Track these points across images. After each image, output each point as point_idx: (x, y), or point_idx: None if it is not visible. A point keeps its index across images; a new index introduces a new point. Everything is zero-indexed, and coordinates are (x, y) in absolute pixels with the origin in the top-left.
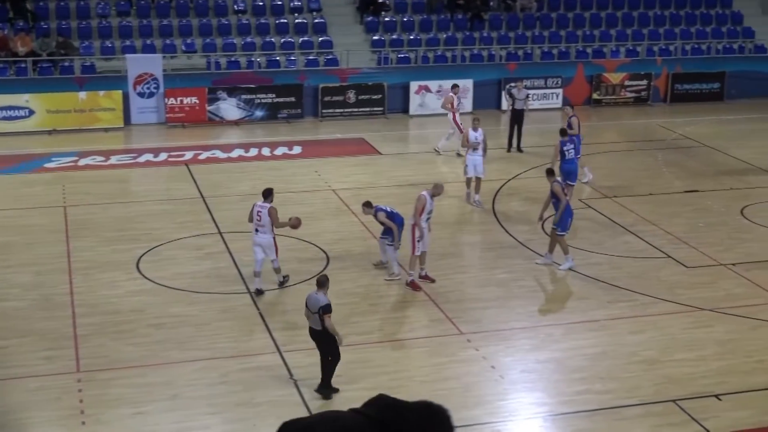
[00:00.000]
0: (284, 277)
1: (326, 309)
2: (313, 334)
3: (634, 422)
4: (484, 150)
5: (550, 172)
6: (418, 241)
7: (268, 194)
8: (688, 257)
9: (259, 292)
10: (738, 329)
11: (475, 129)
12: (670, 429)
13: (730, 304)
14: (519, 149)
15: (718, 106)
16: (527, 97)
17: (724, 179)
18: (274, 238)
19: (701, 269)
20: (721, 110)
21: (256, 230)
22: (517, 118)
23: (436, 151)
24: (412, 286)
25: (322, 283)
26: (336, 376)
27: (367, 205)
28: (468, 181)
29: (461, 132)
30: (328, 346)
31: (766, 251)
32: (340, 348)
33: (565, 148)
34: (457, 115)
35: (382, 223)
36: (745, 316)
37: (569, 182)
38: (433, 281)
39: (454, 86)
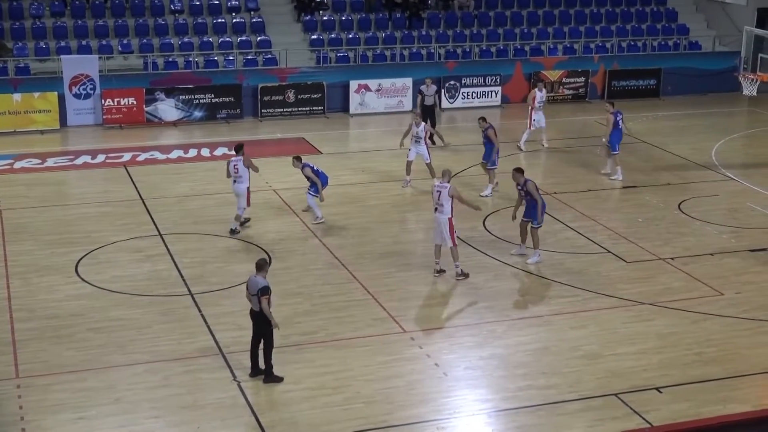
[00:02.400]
0: (241, 224)
1: (264, 291)
2: (252, 315)
3: (577, 416)
4: (439, 138)
5: (520, 171)
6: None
7: (239, 148)
8: (627, 252)
9: (233, 232)
10: (678, 322)
11: (417, 124)
12: (612, 422)
13: (669, 298)
14: (432, 143)
15: (655, 103)
16: (436, 93)
17: (661, 175)
18: (248, 188)
19: (640, 264)
20: (657, 107)
21: (234, 181)
22: (428, 114)
23: (519, 149)
24: (462, 275)
25: (261, 266)
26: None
27: (297, 159)
28: (409, 165)
29: (528, 128)
30: (264, 327)
31: (703, 245)
32: (275, 335)
33: (618, 119)
34: (534, 111)
35: (307, 178)
36: (684, 309)
37: (613, 152)
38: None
39: (538, 83)
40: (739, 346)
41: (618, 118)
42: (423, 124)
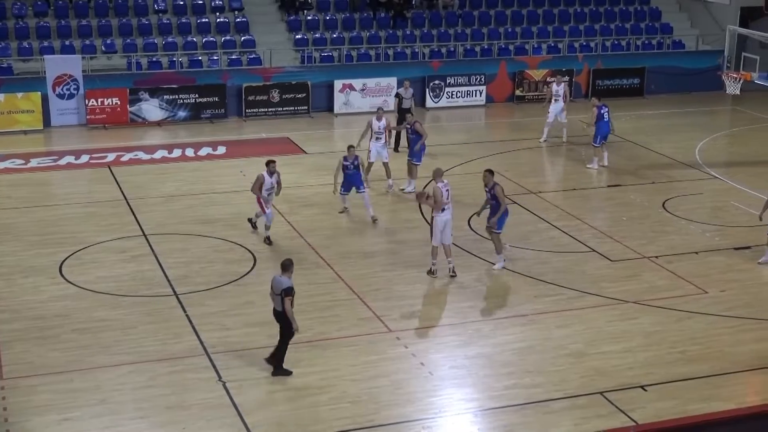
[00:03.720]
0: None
1: (288, 292)
2: (276, 315)
3: (562, 415)
4: (387, 139)
5: (491, 173)
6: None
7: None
8: (612, 251)
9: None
10: (662, 321)
11: (378, 119)
12: (597, 421)
13: (653, 296)
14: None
15: (639, 102)
16: (413, 96)
17: (645, 173)
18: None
19: (625, 262)
20: (641, 105)
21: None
22: (404, 117)
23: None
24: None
25: (286, 266)
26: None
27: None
28: (369, 166)
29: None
30: (286, 328)
31: (687, 244)
32: (296, 335)
33: (602, 111)
34: (551, 103)
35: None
36: (668, 307)
37: (594, 145)
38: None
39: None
40: (723, 344)
41: (602, 111)
42: (384, 118)
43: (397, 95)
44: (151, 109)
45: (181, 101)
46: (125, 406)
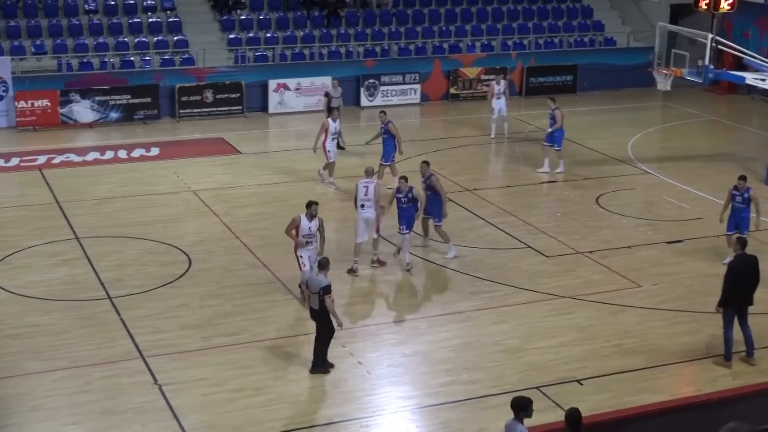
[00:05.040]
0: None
1: (327, 290)
2: (313, 314)
3: (500, 410)
4: (340, 138)
5: (427, 164)
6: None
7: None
8: (546, 247)
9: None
10: (597, 315)
11: (334, 120)
12: (534, 415)
13: (588, 291)
14: (340, 147)
15: (572, 98)
16: (342, 95)
17: (579, 169)
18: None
19: (560, 258)
20: (574, 102)
21: (362, 206)
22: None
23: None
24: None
25: (323, 265)
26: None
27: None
28: (331, 167)
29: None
30: (325, 326)
31: (620, 238)
32: (337, 331)
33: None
34: (494, 101)
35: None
36: (602, 302)
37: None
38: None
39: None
40: (656, 337)
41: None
42: (339, 120)
43: (326, 94)
44: (83, 110)
45: (113, 102)
46: (59, 412)
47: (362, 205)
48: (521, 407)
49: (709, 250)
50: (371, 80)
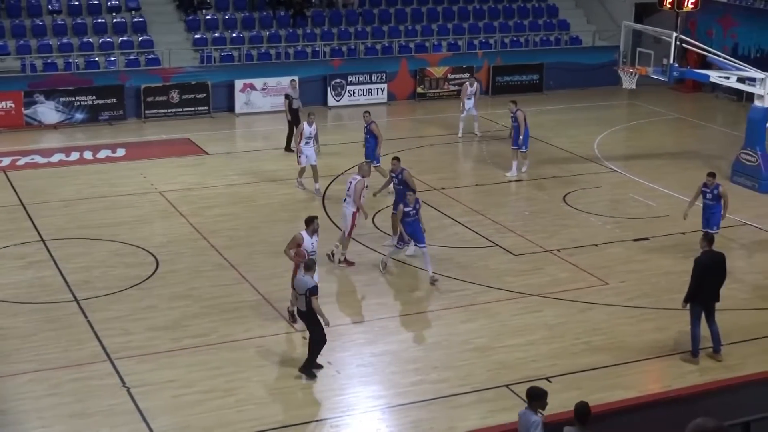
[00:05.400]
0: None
1: (313, 291)
2: (301, 315)
3: (469, 409)
4: (316, 142)
5: (398, 159)
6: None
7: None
8: (515, 245)
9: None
10: (565, 313)
11: (309, 123)
12: (504, 413)
13: (556, 289)
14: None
15: (538, 97)
16: (299, 95)
17: (546, 168)
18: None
19: (528, 256)
20: (540, 101)
21: (344, 200)
22: (296, 117)
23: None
24: (347, 262)
25: (309, 266)
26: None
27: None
28: (302, 171)
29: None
30: (313, 326)
31: (588, 236)
32: (326, 330)
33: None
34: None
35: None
36: (571, 299)
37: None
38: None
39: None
40: (624, 334)
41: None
42: (314, 124)
43: (287, 96)
44: (47, 111)
45: (78, 103)
46: (27, 416)
47: (344, 199)
48: (535, 397)
49: (675, 248)
50: (338, 80)
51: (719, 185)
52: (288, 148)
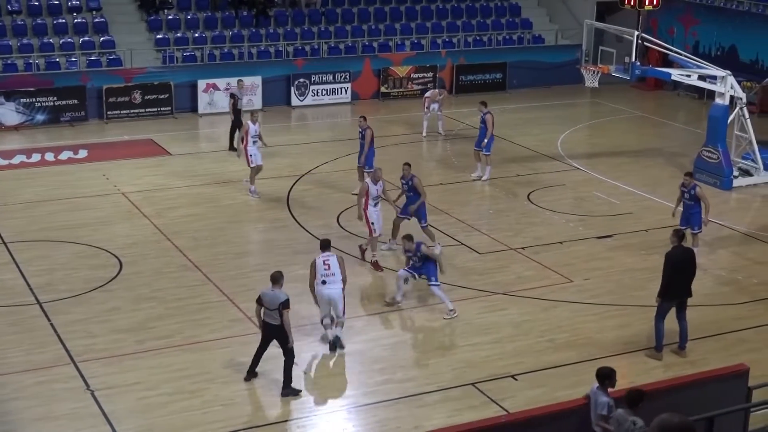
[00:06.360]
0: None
1: (285, 304)
2: (271, 329)
3: (436, 407)
4: (261, 140)
5: (409, 165)
6: (373, 224)
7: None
8: (479, 244)
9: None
10: (530, 311)
11: (254, 122)
12: (470, 411)
13: (521, 287)
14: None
15: (502, 96)
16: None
17: (510, 166)
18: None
19: (493, 254)
20: (504, 100)
21: (324, 282)
22: (239, 117)
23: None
24: (374, 266)
25: (277, 278)
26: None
27: None
28: (258, 169)
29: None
30: (285, 341)
31: (552, 234)
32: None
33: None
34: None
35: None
36: (536, 297)
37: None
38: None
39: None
40: (589, 331)
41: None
42: (258, 122)
43: (232, 96)
44: (8, 113)
45: (39, 104)
46: None
47: (375, 204)
48: (606, 376)
49: (638, 245)
50: (301, 79)
51: (696, 185)
52: (231, 148)
